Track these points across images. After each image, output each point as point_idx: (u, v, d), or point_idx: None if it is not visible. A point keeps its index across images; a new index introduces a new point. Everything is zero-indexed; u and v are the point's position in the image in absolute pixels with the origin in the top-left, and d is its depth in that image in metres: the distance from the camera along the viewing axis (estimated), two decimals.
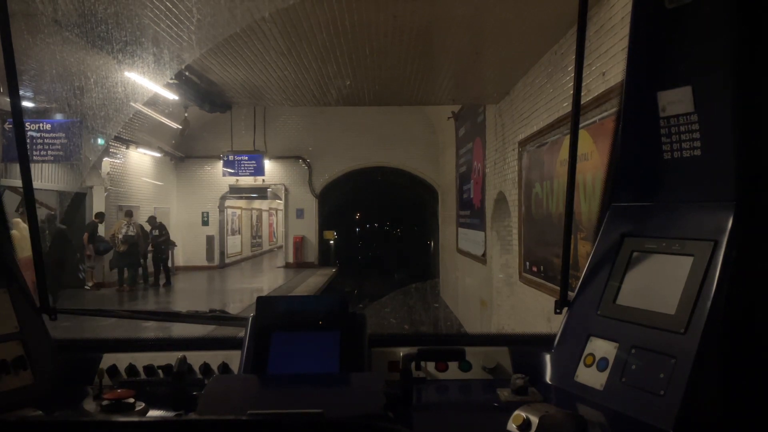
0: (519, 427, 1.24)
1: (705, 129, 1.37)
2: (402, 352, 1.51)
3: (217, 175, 18.80)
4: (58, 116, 9.21)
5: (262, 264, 23.93)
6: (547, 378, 1.62)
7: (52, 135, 9.12)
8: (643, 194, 1.57)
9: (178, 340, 1.85)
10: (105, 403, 1.41)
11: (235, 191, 19.52)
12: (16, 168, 10.31)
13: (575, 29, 1.65)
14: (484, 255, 10.58)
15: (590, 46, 5.33)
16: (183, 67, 7.08)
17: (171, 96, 7.80)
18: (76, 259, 13.39)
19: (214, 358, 1.72)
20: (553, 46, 6.32)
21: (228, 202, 20.79)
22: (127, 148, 15.75)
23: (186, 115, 11.34)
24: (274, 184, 19.98)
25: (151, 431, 0.93)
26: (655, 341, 1.34)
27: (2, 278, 1.64)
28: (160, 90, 7.42)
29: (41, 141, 9.11)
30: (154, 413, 1.43)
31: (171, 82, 7.05)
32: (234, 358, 1.70)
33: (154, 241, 15.15)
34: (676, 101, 1.42)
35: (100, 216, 14.01)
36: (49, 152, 9.19)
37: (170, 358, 1.61)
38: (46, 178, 13.11)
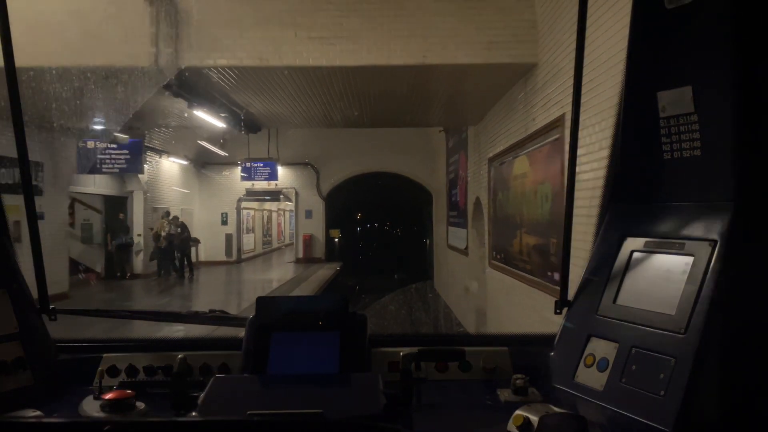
0: (519, 428, 1.23)
1: (705, 129, 1.37)
2: (402, 352, 1.50)
3: (235, 179, 20.97)
4: (123, 136, 11.49)
5: (273, 259, 26.23)
6: (548, 378, 1.62)
7: (118, 152, 11.41)
8: (643, 194, 1.57)
9: (178, 341, 1.85)
10: (105, 403, 1.41)
11: (252, 194, 21.80)
12: (83, 177, 12.68)
13: (521, 81, 2.85)
14: (466, 248, 12.83)
15: (526, 98, 7.58)
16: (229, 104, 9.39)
17: (221, 125, 10.09)
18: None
19: (214, 358, 1.73)
20: (508, 90, 8.58)
21: (243, 204, 23.07)
22: (160, 157, 18.02)
23: (223, 140, 13.65)
24: (286, 188, 22.25)
25: (151, 431, 0.94)
26: (655, 342, 1.34)
27: (2, 278, 1.62)
28: (215, 121, 9.72)
29: (109, 156, 11.39)
30: (153, 414, 1.43)
31: (222, 115, 9.35)
32: (234, 359, 1.71)
33: (177, 239, 17.42)
34: (675, 101, 1.41)
35: (124, 215, 16.31)
36: (116, 165, 11.47)
37: (170, 358, 1.61)
38: (97, 183, 15.41)
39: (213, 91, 8.24)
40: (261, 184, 21.20)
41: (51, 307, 1.73)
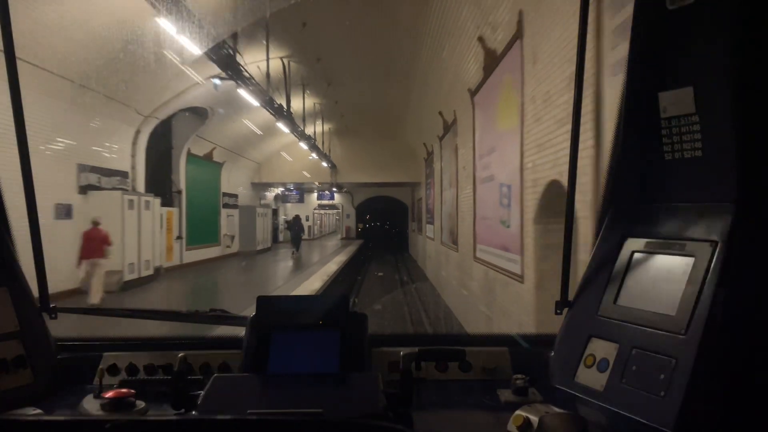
0: (519, 428, 1.24)
1: (706, 130, 1.37)
2: (402, 352, 1.46)
3: (313, 197, 43.30)
4: (295, 189, 34.00)
5: (327, 238, 48.49)
6: (548, 378, 1.62)
7: (295, 194, 33.94)
8: (643, 195, 1.57)
9: (178, 339, 1.86)
10: (105, 402, 1.41)
11: (321, 207, 44.22)
12: (286, 206, 37.80)
13: (419, 184, 23.68)
14: (414, 231, 35.11)
15: (419, 189, 29.70)
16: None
17: (335, 190, 32.63)
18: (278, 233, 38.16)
19: (214, 357, 1.74)
20: (419, 184, 30.71)
21: (315, 210, 45.51)
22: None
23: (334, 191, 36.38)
24: (337, 203, 44.67)
25: (151, 431, 0.95)
26: (656, 342, 1.34)
27: (3, 277, 1.63)
28: (335, 190, 32.27)
29: (292, 196, 33.87)
30: (154, 412, 1.44)
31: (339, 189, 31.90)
32: (234, 358, 1.72)
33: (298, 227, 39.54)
34: (677, 102, 1.41)
35: (275, 217, 38.50)
36: (294, 199, 33.96)
37: (170, 357, 1.63)
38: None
39: (341, 183, 30.72)
40: (325, 201, 43.61)
41: (51, 305, 1.73)
